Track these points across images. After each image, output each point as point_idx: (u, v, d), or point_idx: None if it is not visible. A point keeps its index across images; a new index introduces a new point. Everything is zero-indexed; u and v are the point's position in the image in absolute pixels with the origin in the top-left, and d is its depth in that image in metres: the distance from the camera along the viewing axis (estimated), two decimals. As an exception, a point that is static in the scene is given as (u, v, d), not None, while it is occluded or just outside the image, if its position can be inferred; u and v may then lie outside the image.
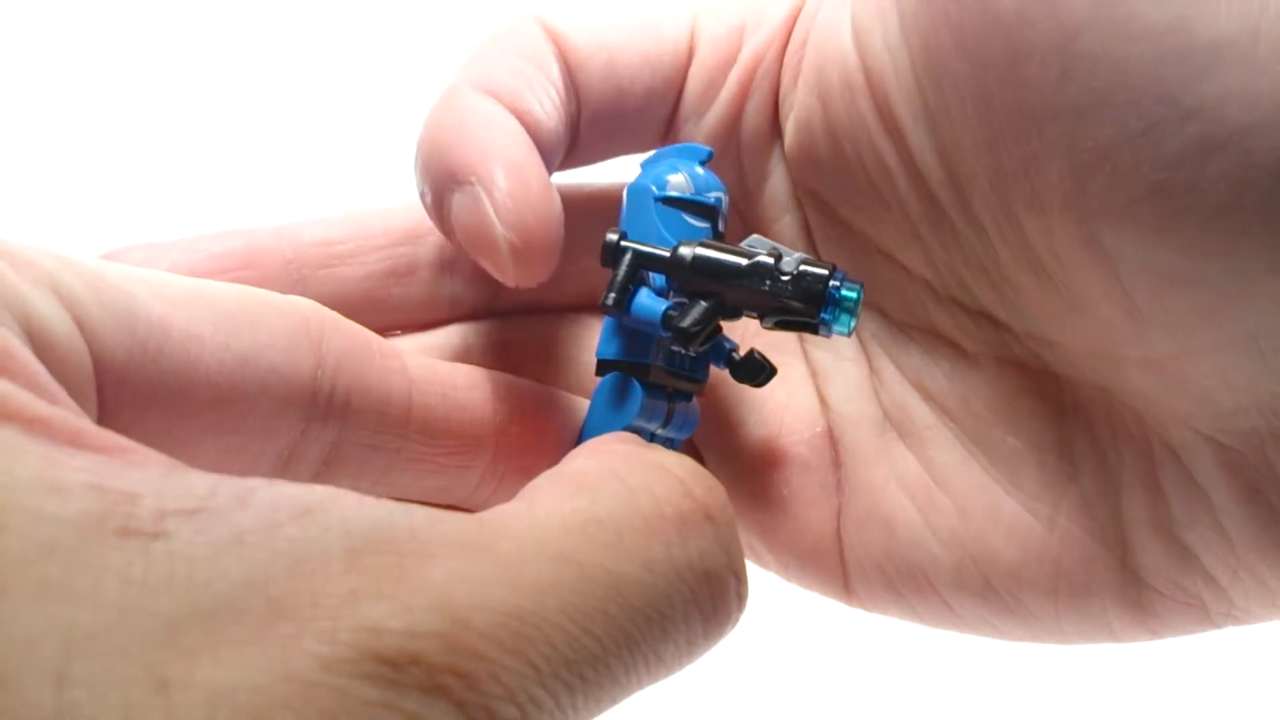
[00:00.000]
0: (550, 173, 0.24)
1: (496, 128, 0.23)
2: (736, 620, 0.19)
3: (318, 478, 0.22)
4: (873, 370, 0.26)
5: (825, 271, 0.22)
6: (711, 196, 0.24)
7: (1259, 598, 0.22)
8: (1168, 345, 0.21)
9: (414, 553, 0.15)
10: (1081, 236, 0.20)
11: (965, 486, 0.25)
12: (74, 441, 0.14)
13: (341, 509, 0.15)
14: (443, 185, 0.23)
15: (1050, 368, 0.24)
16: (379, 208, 0.27)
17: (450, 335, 0.27)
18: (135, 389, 0.18)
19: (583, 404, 0.25)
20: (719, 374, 0.25)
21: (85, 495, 0.13)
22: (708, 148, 0.25)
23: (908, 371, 0.26)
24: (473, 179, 0.22)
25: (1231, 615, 0.23)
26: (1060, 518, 0.24)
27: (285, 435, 0.21)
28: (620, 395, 0.24)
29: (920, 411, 0.25)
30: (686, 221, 0.24)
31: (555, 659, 0.15)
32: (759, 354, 0.24)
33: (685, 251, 0.23)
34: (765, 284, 0.22)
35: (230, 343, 0.20)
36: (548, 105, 0.24)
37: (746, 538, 0.27)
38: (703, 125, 0.26)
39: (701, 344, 0.23)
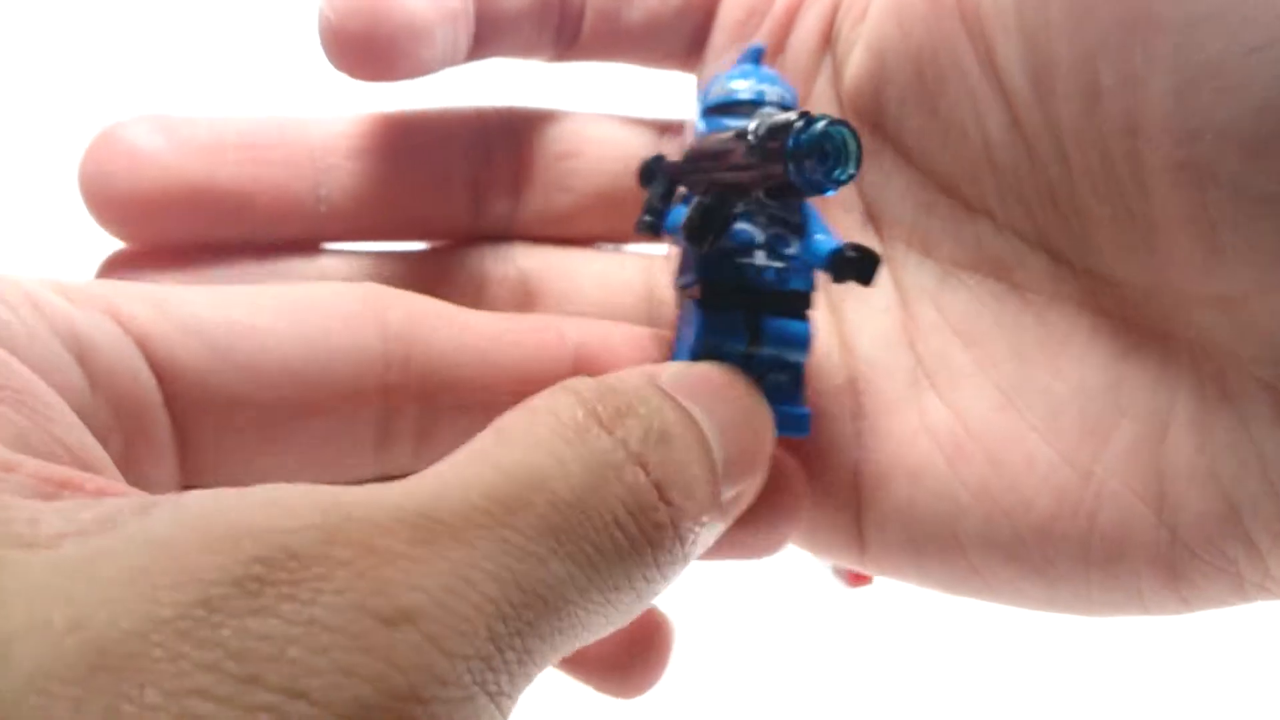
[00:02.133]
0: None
1: None
2: (678, 542, 0.18)
3: (419, 453, 0.22)
4: (911, 318, 0.25)
5: (789, 117, 0.19)
6: (749, 91, 0.23)
7: None
8: (1243, 281, 0.20)
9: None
10: (1174, 157, 0.20)
11: (1000, 434, 0.24)
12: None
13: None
14: None
15: (1108, 308, 0.23)
16: (404, 110, 0.26)
17: (467, 257, 0.27)
18: (215, 389, 0.19)
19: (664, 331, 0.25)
20: None
21: None
22: (757, 44, 0.23)
23: (952, 317, 0.25)
24: None
25: (1265, 586, 0.22)
26: (1098, 468, 0.23)
27: (369, 412, 0.21)
28: (687, 319, 0.23)
29: (960, 359, 0.25)
30: (728, 126, 0.22)
31: (477, 554, 0.14)
32: (854, 246, 0.22)
33: (690, 149, 0.21)
34: (742, 154, 0.20)
35: (295, 329, 0.20)
36: None
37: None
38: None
39: (711, 241, 0.21)
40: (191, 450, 0.20)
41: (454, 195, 0.26)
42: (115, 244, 0.25)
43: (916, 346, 0.25)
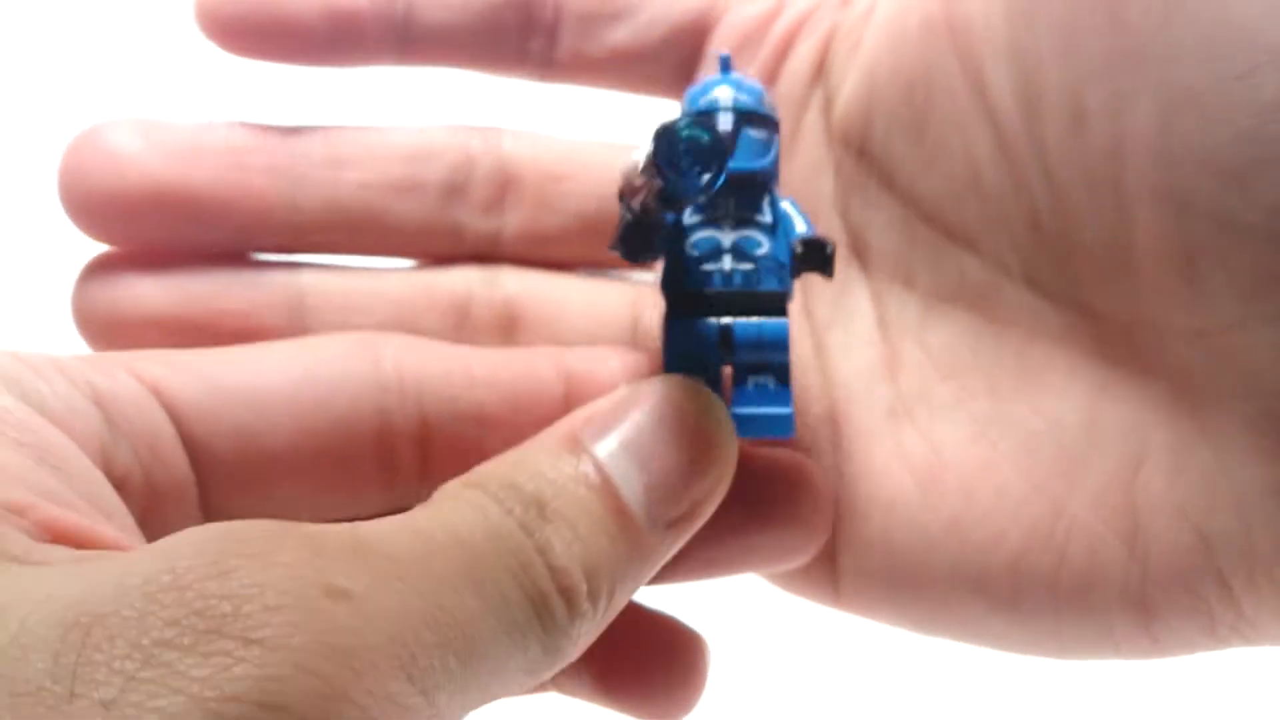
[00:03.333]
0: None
1: None
2: (569, 613, 0.18)
3: (424, 475, 0.23)
4: (892, 350, 0.25)
5: (670, 122, 0.19)
6: (702, 103, 0.23)
7: (1272, 607, 0.21)
8: (1222, 314, 0.20)
9: None
10: (1156, 183, 0.20)
11: (974, 466, 0.24)
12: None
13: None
14: None
15: (1087, 344, 0.23)
16: (390, 125, 0.26)
17: (453, 277, 0.27)
18: (227, 426, 0.21)
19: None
20: None
21: None
22: (721, 52, 0.24)
23: (932, 349, 0.25)
24: None
25: (1238, 629, 0.22)
26: (1071, 502, 0.23)
27: (369, 448, 0.22)
28: (663, 328, 0.23)
29: (938, 391, 0.25)
30: None
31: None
32: (804, 240, 0.22)
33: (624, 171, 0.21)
34: (640, 168, 0.20)
35: (292, 368, 0.22)
36: None
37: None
38: None
39: (644, 256, 0.21)
40: (210, 485, 0.21)
41: (435, 212, 0.26)
42: (97, 249, 0.25)
43: (897, 379, 0.25)
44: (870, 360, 0.25)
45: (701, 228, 0.23)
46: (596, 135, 0.28)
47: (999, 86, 0.23)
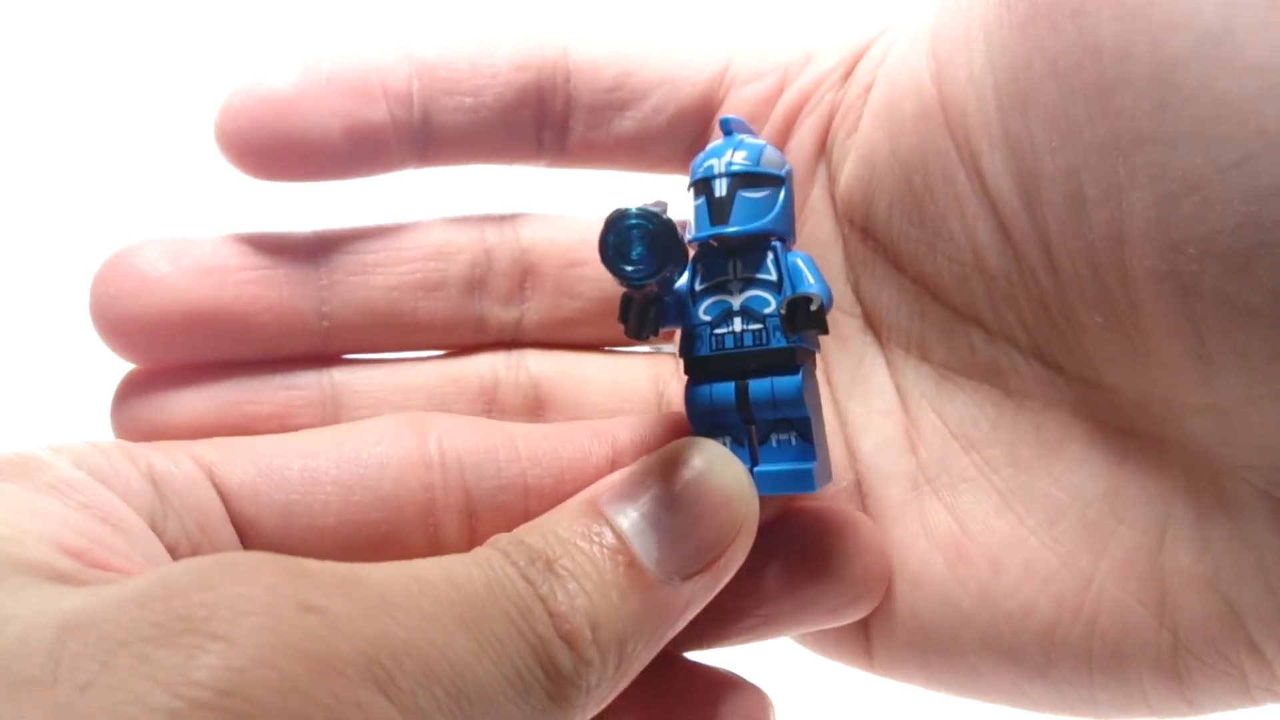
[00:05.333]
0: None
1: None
2: (576, 669, 0.19)
3: (470, 545, 0.23)
4: (911, 422, 0.26)
5: (615, 213, 0.20)
6: (700, 170, 0.23)
7: None
8: (1233, 390, 0.20)
9: None
10: (1159, 269, 0.20)
11: (999, 539, 0.24)
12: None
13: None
14: None
15: (1103, 415, 0.23)
16: (410, 221, 0.27)
17: (479, 364, 0.27)
18: (275, 504, 0.23)
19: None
20: None
21: None
22: (724, 116, 0.24)
23: (950, 421, 0.25)
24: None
25: (1273, 690, 0.22)
26: (1099, 573, 0.23)
27: (417, 516, 0.23)
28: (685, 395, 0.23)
29: (960, 463, 0.25)
30: (695, 203, 0.23)
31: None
32: (789, 300, 0.22)
33: None
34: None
35: (341, 450, 0.23)
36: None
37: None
38: None
39: (644, 333, 0.22)
40: None
41: (458, 303, 0.27)
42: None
43: (918, 450, 0.25)
44: (891, 431, 0.26)
45: (710, 294, 0.23)
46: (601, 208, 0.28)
47: (996, 173, 0.23)
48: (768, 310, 0.23)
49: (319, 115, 0.24)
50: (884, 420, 0.26)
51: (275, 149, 0.24)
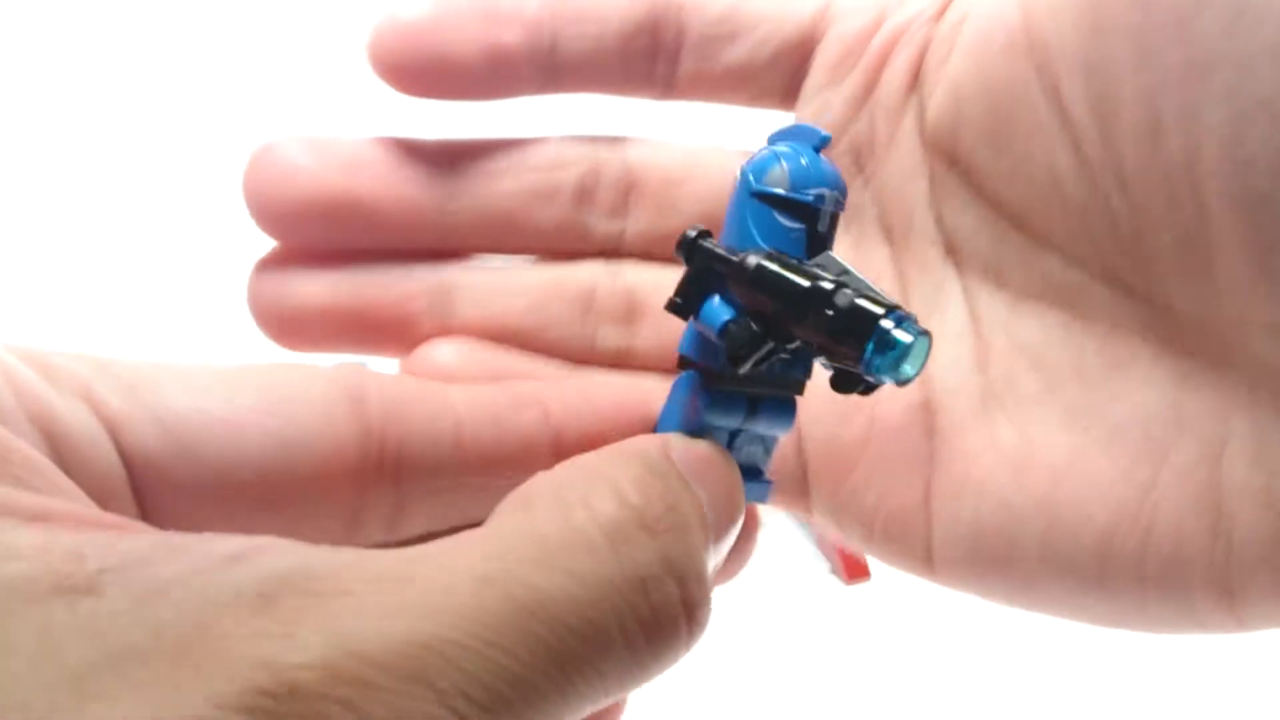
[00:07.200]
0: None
1: None
2: (689, 633, 0.19)
3: (391, 532, 0.23)
4: (983, 343, 0.27)
5: (879, 310, 0.19)
6: (811, 194, 0.22)
7: None
8: None
9: (329, 591, 0.15)
10: (1231, 185, 0.21)
11: (1062, 452, 0.25)
12: (43, 518, 0.15)
13: (268, 555, 0.16)
14: None
15: (1167, 337, 0.24)
16: (528, 137, 0.29)
17: (579, 272, 0.29)
18: (177, 478, 0.20)
19: (661, 391, 0.25)
20: None
21: (31, 558, 0.15)
22: (825, 133, 0.22)
23: (1020, 343, 0.26)
24: None
25: None
26: (1156, 485, 0.24)
27: (343, 504, 0.22)
28: (690, 395, 0.23)
29: (1027, 382, 0.26)
30: (777, 220, 0.22)
31: (463, 681, 0.15)
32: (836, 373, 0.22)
33: (750, 261, 0.21)
34: (815, 314, 0.20)
35: (267, 423, 0.21)
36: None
37: (829, 505, 0.28)
38: (839, 91, 0.28)
39: (752, 366, 0.21)
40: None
41: (568, 213, 0.29)
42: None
43: (987, 370, 0.27)
44: (962, 352, 0.27)
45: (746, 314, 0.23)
46: (711, 142, 0.30)
47: (1075, 100, 0.24)
48: (794, 345, 0.22)
49: (458, 39, 0.27)
50: (957, 342, 0.27)
51: (422, 67, 0.27)
